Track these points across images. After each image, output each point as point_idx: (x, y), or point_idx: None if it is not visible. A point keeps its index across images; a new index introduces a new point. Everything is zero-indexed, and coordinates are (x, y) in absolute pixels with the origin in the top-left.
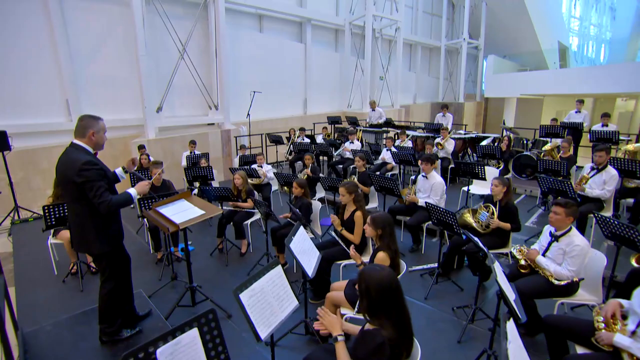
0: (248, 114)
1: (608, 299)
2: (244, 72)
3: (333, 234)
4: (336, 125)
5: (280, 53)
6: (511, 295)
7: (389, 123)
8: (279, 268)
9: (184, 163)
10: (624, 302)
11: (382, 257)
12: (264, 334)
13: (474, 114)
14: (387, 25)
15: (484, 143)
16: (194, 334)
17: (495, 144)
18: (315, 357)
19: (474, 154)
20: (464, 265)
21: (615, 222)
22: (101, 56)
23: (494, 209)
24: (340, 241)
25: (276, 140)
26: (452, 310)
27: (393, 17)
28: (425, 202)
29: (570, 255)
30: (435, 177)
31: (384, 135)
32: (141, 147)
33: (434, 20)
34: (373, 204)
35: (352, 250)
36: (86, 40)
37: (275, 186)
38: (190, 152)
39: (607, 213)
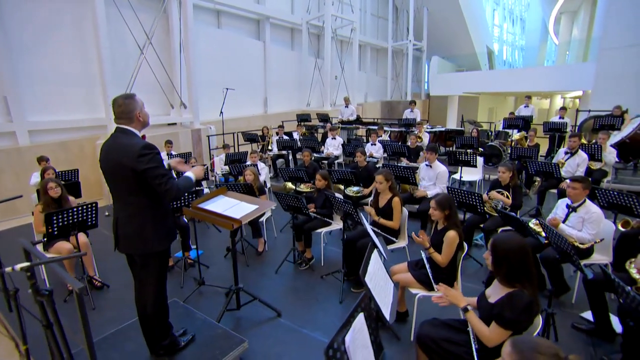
0: (221, 112)
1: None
2: (204, 69)
3: (366, 224)
4: (304, 123)
5: (239, 51)
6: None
7: (357, 120)
8: (376, 252)
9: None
10: None
11: (453, 235)
12: (387, 315)
13: (420, 111)
14: (341, 26)
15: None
16: (361, 319)
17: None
18: (429, 332)
19: (442, 147)
20: (472, 244)
21: (615, 194)
22: (46, 49)
23: (508, 194)
24: (378, 230)
25: (251, 138)
26: (482, 283)
27: (350, 18)
28: (448, 188)
29: (590, 221)
30: (440, 166)
31: (355, 132)
32: None
33: (380, 23)
34: None
35: (418, 236)
36: (27, 31)
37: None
38: (167, 153)
39: None
